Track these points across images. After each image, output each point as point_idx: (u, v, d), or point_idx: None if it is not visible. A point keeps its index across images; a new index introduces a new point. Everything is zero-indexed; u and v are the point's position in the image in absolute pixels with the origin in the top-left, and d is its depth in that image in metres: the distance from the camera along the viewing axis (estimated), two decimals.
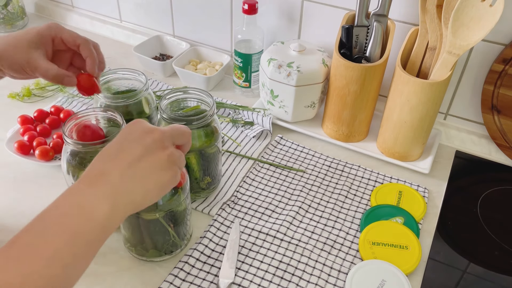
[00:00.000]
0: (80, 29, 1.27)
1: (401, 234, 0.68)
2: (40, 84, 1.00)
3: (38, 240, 0.38)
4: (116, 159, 0.45)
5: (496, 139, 0.85)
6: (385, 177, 0.81)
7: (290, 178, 0.80)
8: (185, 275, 0.63)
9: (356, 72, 0.77)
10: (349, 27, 0.80)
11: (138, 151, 0.45)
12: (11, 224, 0.70)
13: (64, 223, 0.39)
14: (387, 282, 0.61)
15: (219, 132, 0.71)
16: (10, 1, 1.21)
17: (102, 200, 0.42)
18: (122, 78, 0.75)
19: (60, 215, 0.40)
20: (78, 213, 0.40)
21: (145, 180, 0.45)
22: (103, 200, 0.42)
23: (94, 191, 0.42)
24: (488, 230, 0.74)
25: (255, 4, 0.90)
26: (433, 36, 0.76)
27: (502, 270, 0.69)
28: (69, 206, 0.41)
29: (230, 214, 0.72)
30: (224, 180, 0.79)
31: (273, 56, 0.85)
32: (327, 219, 0.73)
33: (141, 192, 0.45)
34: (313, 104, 0.87)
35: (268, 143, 0.88)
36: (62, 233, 0.39)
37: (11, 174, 0.79)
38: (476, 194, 0.80)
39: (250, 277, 0.63)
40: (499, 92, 0.80)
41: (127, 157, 0.45)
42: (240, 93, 1.01)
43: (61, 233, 0.39)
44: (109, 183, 0.43)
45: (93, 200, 0.41)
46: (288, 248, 0.67)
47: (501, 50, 0.78)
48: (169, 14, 1.11)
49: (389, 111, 0.80)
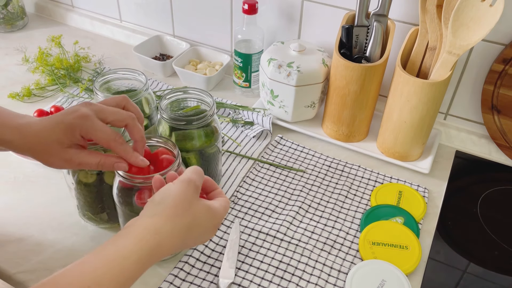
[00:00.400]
0: (80, 29, 1.27)
1: (401, 234, 0.68)
2: (40, 84, 1.00)
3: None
4: (187, 237, 0.48)
5: (496, 139, 0.85)
6: (385, 177, 0.81)
7: (290, 178, 0.80)
8: (185, 275, 0.63)
9: (356, 72, 0.77)
10: (349, 27, 0.80)
11: (206, 239, 0.52)
12: (11, 224, 0.70)
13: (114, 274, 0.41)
14: (387, 282, 0.61)
15: (219, 132, 0.71)
16: (10, 1, 1.21)
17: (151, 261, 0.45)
18: (122, 78, 0.75)
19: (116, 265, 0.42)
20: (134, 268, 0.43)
21: (189, 244, 0.50)
22: (153, 259, 0.45)
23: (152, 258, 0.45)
24: (488, 230, 0.74)
25: (255, 4, 0.90)
26: (433, 36, 0.76)
27: (502, 270, 0.69)
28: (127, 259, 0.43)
29: (230, 214, 0.72)
30: (224, 180, 0.79)
31: (273, 56, 0.85)
32: (327, 219, 0.73)
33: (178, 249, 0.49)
34: (313, 104, 0.87)
35: (268, 143, 0.88)
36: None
37: (11, 174, 0.79)
38: (476, 194, 0.80)
39: (250, 277, 0.63)
40: (499, 92, 0.80)
41: (192, 236, 0.49)
42: (240, 93, 1.01)
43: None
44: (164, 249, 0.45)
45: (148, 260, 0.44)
46: (288, 248, 0.67)
47: (501, 50, 0.78)
48: (169, 14, 1.11)
49: (389, 111, 0.80)
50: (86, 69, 1.07)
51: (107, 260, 0.41)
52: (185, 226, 0.47)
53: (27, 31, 1.25)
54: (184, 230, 0.47)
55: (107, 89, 0.74)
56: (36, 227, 0.70)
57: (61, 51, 1.05)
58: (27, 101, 0.97)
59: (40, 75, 1.03)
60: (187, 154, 0.68)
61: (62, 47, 1.05)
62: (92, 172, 0.62)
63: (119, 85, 0.75)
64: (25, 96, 0.97)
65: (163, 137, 0.61)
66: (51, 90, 1.00)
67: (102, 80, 0.73)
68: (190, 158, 0.68)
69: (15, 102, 0.96)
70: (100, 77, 0.73)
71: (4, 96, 0.97)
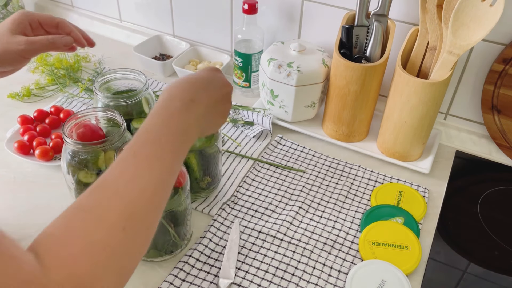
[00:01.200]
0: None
1: (401, 234, 0.68)
2: (40, 84, 1.00)
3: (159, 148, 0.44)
4: (206, 92, 0.51)
5: (496, 139, 0.85)
6: (385, 177, 0.81)
7: (290, 178, 0.80)
8: (185, 275, 0.63)
9: (356, 72, 0.76)
10: (349, 27, 0.80)
11: (220, 96, 0.54)
12: (11, 224, 0.70)
13: (172, 149, 0.45)
14: (387, 282, 0.61)
15: (219, 132, 0.71)
16: (10, 1, 1.21)
17: (194, 127, 0.49)
18: (122, 78, 0.75)
19: (169, 133, 0.45)
20: (183, 139, 0.47)
21: (216, 119, 0.55)
22: (195, 127, 0.49)
23: (191, 116, 0.48)
24: (488, 230, 0.74)
25: (255, 4, 0.90)
26: (433, 36, 0.76)
27: (502, 270, 0.69)
28: (176, 127, 0.46)
29: (230, 214, 0.72)
30: (224, 180, 0.79)
31: (273, 56, 0.85)
32: (327, 219, 0.72)
33: (209, 126, 0.55)
34: (313, 104, 0.87)
35: (268, 143, 0.88)
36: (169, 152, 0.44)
37: (11, 174, 0.79)
38: (476, 194, 0.80)
39: (250, 277, 0.63)
40: (499, 92, 0.80)
41: (214, 95, 0.52)
42: (240, 93, 1.01)
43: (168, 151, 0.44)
44: (198, 112, 0.49)
45: (191, 125, 0.48)
46: (288, 248, 0.67)
47: (501, 50, 0.78)
48: (169, 14, 1.11)
49: (389, 111, 0.80)
50: (86, 69, 1.07)
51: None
52: (206, 81, 0.53)
53: None
54: (206, 84, 0.52)
55: (107, 89, 0.74)
56: (36, 227, 0.69)
57: None
58: (27, 101, 0.97)
59: (40, 75, 1.03)
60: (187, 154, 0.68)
61: None
62: (92, 172, 0.62)
63: (119, 85, 0.75)
64: (25, 96, 0.97)
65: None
66: (51, 90, 1.00)
67: (102, 80, 0.73)
68: (190, 158, 0.68)
69: (15, 102, 0.96)
70: (100, 77, 0.73)
71: (4, 96, 0.97)
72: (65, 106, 0.95)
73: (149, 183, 0.41)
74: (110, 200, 0.38)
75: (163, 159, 0.43)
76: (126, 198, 0.39)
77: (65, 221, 0.37)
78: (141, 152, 0.42)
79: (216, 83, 0.54)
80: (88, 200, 0.39)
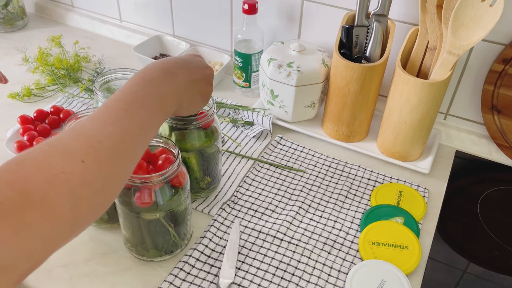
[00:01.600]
0: (80, 29, 1.27)
1: (401, 234, 0.68)
2: (40, 84, 1.00)
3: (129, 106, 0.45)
4: (186, 68, 0.54)
5: (496, 139, 0.85)
6: (385, 177, 0.81)
7: (290, 178, 0.80)
8: (185, 275, 0.63)
9: (356, 72, 0.77)
10: (349, 27, 0.80)
11: (200, 75, 0.56)
12: None
13: (145, 105, 0.46)
14: (387, 282, 0.61)
15: (219, 132, 0.71)
16: (10, 1, 1.21)
17: (173, 97, 0.51)
18: (122, 78, 0.75)
19: (144, 94, 0.47)
20: (159, 103, 0.48)
21: (196, 99, 0.57)
22: (174, 98, 0.51)
23: (170, 86, 0.50)
24: (488, 230, 0.74)
25: (255, 4, 0.90)
26: (433, 36, 0.76)
27: (502, 270, 0.69)
28: (152, 90, 0.48)
29: (230, 214, 0.72)
30: (224, 180, 0.79)
31: (273, 56, 0.85)
32: (327, 219, 0.73)
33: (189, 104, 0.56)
34: (313, 104, 0.87)
35: (268, 143, 0.88)
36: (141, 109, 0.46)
37: None
38: (476, 194, 0.80)
39: (250, 277, 0.63)
40: (499, 92, 0.80)
41: (194, 73, 0.55)
42: (240, 93, 1.01)
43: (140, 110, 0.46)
44: (177, 83, 0.51)
45: (169, 94, 0.50)
46: (288, 248, 0.67)
47: (501, 50, 0.78)
48: (169, 14, 1.11)
49: (389, 111, 0.80)
50: (86, 69, 1.07)
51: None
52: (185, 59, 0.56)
53: (27, 31, 1.25)
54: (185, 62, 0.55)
55: (107, 89, 0.74)
56: None
57: (61, 51, 1.05)
58: (27, 101, 0.97)
59: (40, 75, 1.03)
60: (187, 154, 0.68)
61: (62, 47, 1.05)
62: None
63: (119, 85, 0.75)
64: (25, 96, 0.97)
65: (163, 137, 0.61)
66: (51, 90, 1.00)
67: (102, 80, 0.73)
68: (190, 158, 0.68)
69: (15, 102, 0.96)
70: (100, 77, 0.73)
71: (4, 96, 0.97)
72: (65, 106, 0.95)
73: (115, 131, 0.42)
74: (74, 137, 0.40)
75: (134, 113, 0.45)
76: (89, 136, 0.40)
77: (28, 150, 0.38)
78: (113, 104, 0.44)
79: (196, 63, 0.56)
80: (55, 137, 0.40)
